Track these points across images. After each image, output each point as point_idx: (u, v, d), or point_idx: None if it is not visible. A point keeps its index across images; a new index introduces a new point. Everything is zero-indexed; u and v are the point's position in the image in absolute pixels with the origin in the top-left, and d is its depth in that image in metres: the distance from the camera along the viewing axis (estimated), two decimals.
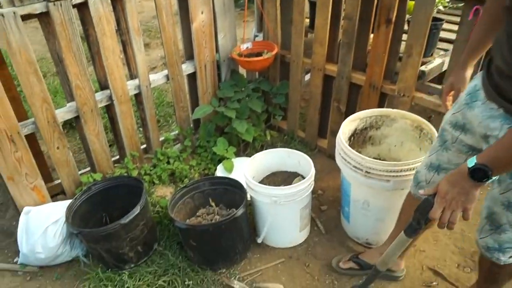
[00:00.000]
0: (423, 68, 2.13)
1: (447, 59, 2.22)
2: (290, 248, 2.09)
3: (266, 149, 2.82)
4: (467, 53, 1.43)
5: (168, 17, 2.23)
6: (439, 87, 2.11)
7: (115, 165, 2.46)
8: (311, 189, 1.97)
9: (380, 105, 2.33)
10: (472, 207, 1.10)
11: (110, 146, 2.82)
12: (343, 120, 2.52)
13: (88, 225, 2.07)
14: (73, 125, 2.74)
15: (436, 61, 2.23)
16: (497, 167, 1.04)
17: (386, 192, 1.79)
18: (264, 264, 2.01)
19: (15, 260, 2.07)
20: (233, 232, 1.90)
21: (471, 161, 1.06)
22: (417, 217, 1.26)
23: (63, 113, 2.09)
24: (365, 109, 2.30)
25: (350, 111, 2.52)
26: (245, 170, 2.02)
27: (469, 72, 1.46)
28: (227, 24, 2.56)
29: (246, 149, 2.82)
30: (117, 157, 2.55)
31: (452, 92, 1.51)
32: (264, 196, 1.90)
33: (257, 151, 2.80)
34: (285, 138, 2.92)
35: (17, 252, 2.02)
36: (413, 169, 1.68)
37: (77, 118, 2.15)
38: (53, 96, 3.46)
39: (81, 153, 2.91)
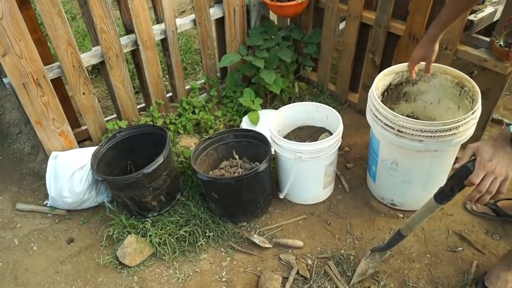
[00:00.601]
0: (471, 17, 1.92)
1: (500, 8, 2.00)
2: (312, 205, 2.06)
3: (294, 102, 2.74)
4: (439, 29, 1.51)
5: None
6: (487, 39, 1.92)
7: (141, 112, 2.45)
8: (338, 146, 1.89)
9: None
10: (510, 178, 1.04)
11: (136, 93, 2.81)
12: (377, 74, 2.39)
13: (113, 172, 2.10)
14: (100, 71, 2.72)
15: (488, 10, 2.00)
16: None
17: (417, 153, 1.69)
18: (285, 219, 2.00)
19: (45, 203, 2.15)
20: (255, 186, 1.88)
21: None
22: (451, 184, 1.18)
23: (89, 58, 2.05)
24: (402, 63, 2.15)
25: (385, 64, 2.36)
26: (271, 123, 1.95)
27: (437, 44, 1.57)
28: None
29: (273, 101, 2.74)
30: (143, 104, 2.53)
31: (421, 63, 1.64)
32: (288, 151, 1.84)
33: (284, 104, 2.73)
34: (314, 91, 2.80)
35: (47, 195, 2.09)
36: (451, 129, 1.56)
37: (102, 63, 2.11)
38: (82, 40, 3.44)
39: (108, 99, 2.91)
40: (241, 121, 2.54)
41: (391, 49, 2.30)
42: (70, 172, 1.98)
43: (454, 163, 1.14)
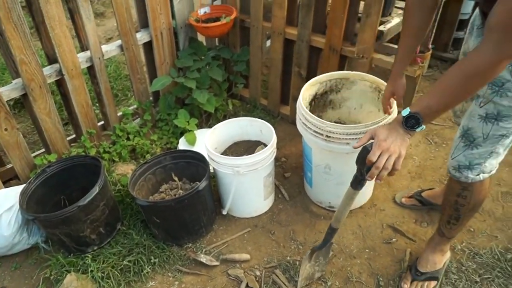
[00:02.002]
0: (381, 27, 2.10)
1: None
2: (255, 217, 2.09)
3: (229, 119, 2.79)
4: (399, 64, 1.59)
5: None
6: (396, 46, 2.10)
7: (72, 144, 2.35)
8: (274, 157, 1.95)
9: (340, 68, 2.31)
10: (404, 154, 1.19)
11: (65, 124, 2.71)
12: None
13: (46, 210, 1.99)
14: (23, 104, 2.58)
15: (395, 21, 2.21)
16: (427, 114, 1.15)
17: (346, 156, 1.79)
18: (230, 235, 2.01)
19: None
20: (197, 205, 1.87)
21: (406, 111, 1.17)
22: (358, 168, 1.28)
23: (9, 91, 1.95)
24: (325, 73, 2.29)
25: (311, 75, 2.49)
26: (206, 141, 1.98)
27: (404, 79, 1.63)
28: None
29: (208, 120, 2.76)
30: (73, 136, 2.43)
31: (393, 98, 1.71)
32: (226, 167, 1.87)
33: (219, 122, 2.76)
34: (247, 107, 2.87)
35: None
36: None
37: (25, 95, 2.01)
38: (1, 74, 3.26)
39: (35, 134, 2.77)
40: (178, 143, 2.53)
41: (314, 61, 2.44)
42: None
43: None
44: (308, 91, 1.99)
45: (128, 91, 3.21)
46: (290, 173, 2.33)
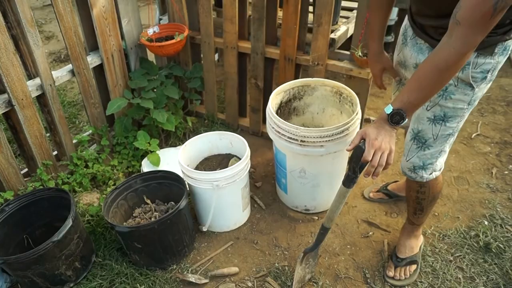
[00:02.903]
0: (332, 35, 2.24)
1: (351, 26, 2.38)
2: (235, 230, 2.09)
3: (189, 137, 2.77)
4: (376, 40, 1.63)
5: (65, 4, 1.99)
6: (348, 52, 2.25)
7: (25, 179, 2.18)
8: (249, 167, 1.98)
9: (296, 75, 2.41)
10: (394, 150, 1.28)
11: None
12: (262, 96, 2.59)
13: (9, 252, 1.83)
14: None
15: (342, 28, 2.36)
16: (409, 108, 1.24)
17: (320, 158, 1.88)
18: (214, 251, 1.99)
19: None
20: (179, 225, 1.84)
21: (388, 108, 1.26)
22: (352, 167, 1.36)
23: None
24: (283, 82, 2.37)
25: (268, 86, 2.58)
26: (179, 159, 1.95)
27: (384, 53, 1.67)
28: (130, 8, 2.39)
29: (167, 139, 2.72)
30: (26, 170, 2.25)
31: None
32: (205, 183, 1.86)
33: (180, 140, 2.74)
34: (205, 123, 2.87)
35: None
36: (343, 131, 1.78)
37: None
38: None
39: None
40: (140, 166, 2.46)
41: (270, 71, 2.52)
42: None
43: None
44: (274, 100, 2.05)
45: (75, 117, 3.05)
46: (261, 182, 2.37)
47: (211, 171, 1.86)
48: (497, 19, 1.05)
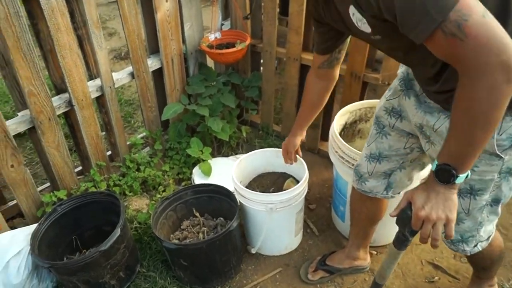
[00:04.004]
0: None
1: None
2: (285, 255, 1.97)
3: (242, 147, 2.68)
4: (299, 127, 1.73)
5: (131, 7, 1.96)
6: None
7: (79, 177, 2.17)
8: (306, 191, 1.84)
9: (362, 95, 2.24)
10: (455, 217, 0.97)
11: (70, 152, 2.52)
12: (323, 111, 2.43)
13: (58, 252, 1.82)
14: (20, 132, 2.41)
15: None
16: (460, 163, 0.94)
17: None
18: (261, 276, 1.87)
19: None
20: (228, 246, 1.74)
21: (433, 164, 0.98)
22: (400, 230, 1.15)
23: (16, 125, 1.77)
24: (347, 99, 2.22)
25: (329, 101, 2.42)
26: (233, 175, 1.85)
27: (298, 137, 1.77)
28: (194, 13, 2.33)
29: (220, 148, 2.64)
30: (80, 168, 2.25)
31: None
32: (258, 204, 1.74)
33: (233, 150, 2.65)
34: (260, 134, 2.76)
35: None
36: None
37: (31, 129, 1.84)
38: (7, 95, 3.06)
39: (34, 165, 2.57)
40: (191, 173, 2.39)
41: (334, 87, 2.36)
42: (4, 261, 1.65)
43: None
44: (338, 121, 1.90)
45: (131, 117, 3.05)
46: (315, 204, 2.23)
47: (266, 193, 1.74)
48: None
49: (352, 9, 0.99)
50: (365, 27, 1.01)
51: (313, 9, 1.27)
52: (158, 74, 2.35)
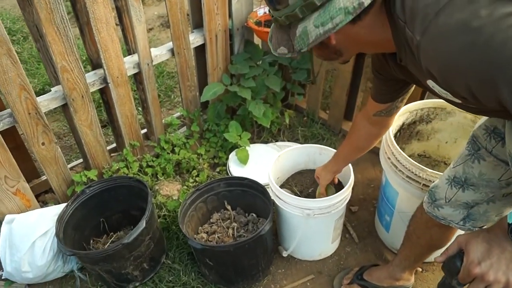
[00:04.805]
0: None
1: None
2: (319, 261, 1.81)
3: (283, 133, 2.50)
4: (334, 164, 1.63)
5: None
6: None
7: (112, 154, 2.11)
8: (349, 198, 1.65)
9: (424, 93, 1.96)
10: None
11: (103, 127, 2.46)
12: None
13: (84, 234, 1.78)
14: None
15: None
16: None
17: None
18: (291, 281, 1.74)
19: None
20: (257, 250, 1.61)
21: (510, 215, 0.76)
22: (447, 278, 0.93)
23: (48, 101, 1.70)
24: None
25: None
26: (270, 173, 1.69)
27: (332, 174, 1.66)
28: None
29: (260, 133, 2.47)
30: (114, 145, 2.18)
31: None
32: (295, 208, 1.58)
33: (273, 136, 2.48)
34: (304, 120, 2.56)
35: (1, 266, 1.72)
36: None
37: (64, 105, 1.76)
38: (37, 66, 3.04)
39: (70, 136, 2.54)
40: (227, 159, 2.26)
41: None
42: (30, 241, 1.63)
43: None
44: (395, 122, 1.66)
45: (171, 91, 2.94)
46: (358, 207, 2.03)
47: (303, 198, 1.57)
48: None
49: (431, 83, 0.85)
50: (452, 97, 0.86)
51: (373, 62, 1.16)
52: (200, 50, 2.19)
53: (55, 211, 1.73)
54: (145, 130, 2.27)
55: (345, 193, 1.59)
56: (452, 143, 1.78)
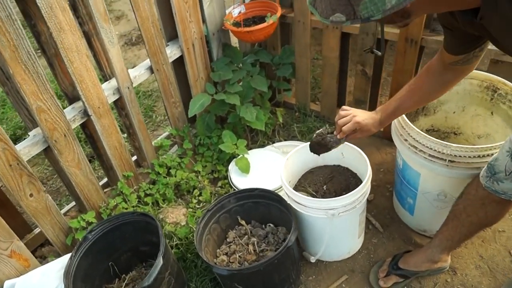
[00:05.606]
0: None
1: None
2: (349, 259, 1.72)
3: (278, 133, 2.40)
4: (386, 116, 1.38)
5: None
6: None
7: (105, 190, 1.95)
8: (369, 190, 1.57)
9: (418, 63, 1.91)
10: None
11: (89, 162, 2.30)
12: (370, 85, 2.13)
13: (94, 285, 1.62)
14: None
15: None
16: None
17: (469, 179, 1.41)
18: (324, 286, 1.64)
19: None
20: (286, 263, 1.50)
21: None
22: None
23: (28, 148, 1.53)
24: (399, 70, 1.91)
25: (377, 73, 2.10)
26: (282, 178, 1.58)
27: (374, 125, 1.39)
28: None
29: (254, 137, 2.36)
30: (105, 180, 2.03)
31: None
32: (317, 210, 1.48)
33: (269, 138, 2.38)
34: (296, 115, 2.47)
35: None
36: None
37: (47, 148, 1.60)
38: (0, 112, 2.83)
39: (53, 181, 2.36)
40: (227, 171, 2.14)
41: (381, 56, 2.03)
42: None
43: None
44: None
45: (151, 110, 2.79)
46: (373, 194, 1.95)
47: (326, 199, 1.47)
48: None
49: None
50: None
51: (439, 17, 1.10)
52: (179, 63, 2.05)
53: (57, 266, 1.56)
54: (135, 157, 2.12)
55: (367, 185, 1.50)
56: (460, 112, 1.72)
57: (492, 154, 1.31)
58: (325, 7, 0.77)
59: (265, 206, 1.71)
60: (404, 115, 1.47)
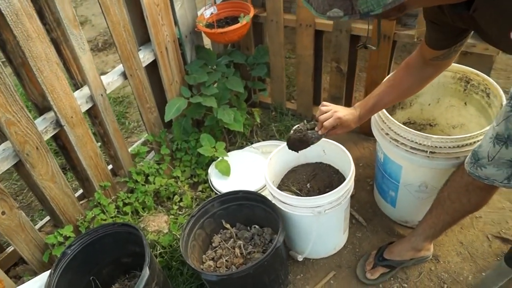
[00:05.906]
0: None
1: None
2: (335, 255, 1.73)
3: (257, 134, 2.39)
4: (364, 111, 1.39)
5: None
6: None
7: (81, 202, 1.87)
8: (353, 185, 1.58)
9: (392, 57, 1.94)
10: None
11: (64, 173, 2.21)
12: (345, 82, 2.15)
13: None
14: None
15: None
16: None
17: (451, 169, 1.45)
18: (313, 284, 1.64)
19: None
20: (276, 264, 1.49)
21: None
22: None
23: None
24: (374, 65, 1.94)
25: (352, 69, 2.13)
26: (267, 178, 1.57)
27: (354, 120, 1.40)
28: None
29: (232, 139, 2.34)
30: (80, 191, 1.95)
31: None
32: (303, 209, 1.48)
33: (247, 139, 2.36)
34: (273, 115, 2.46)
35: None
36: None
37: (18, 163, 1.52)
38: None
39: (23, 196, 2.26)
40: (206, 175, 2.11)
41: (354, 52, 2.06)
42: None
43: None
44: None
45: (123, 117, 2.71)
46: (354, 189, 1.96)
47: (312, 197, 1.47)
48: None
49: None
50: None
51: (426, 12, 1.12)
52: (152, 68, 2.00)
53: (35, 285, 1.49)
54: (110, 166, 2.05)
55: (351, 181, 1.52)
56: (435, 104, 1.76)
57: (471, 144, 1.35)
58: (321, 2, 0.76)
59: (249, 208, 1.70)
60: (384, 110, 1.48)
